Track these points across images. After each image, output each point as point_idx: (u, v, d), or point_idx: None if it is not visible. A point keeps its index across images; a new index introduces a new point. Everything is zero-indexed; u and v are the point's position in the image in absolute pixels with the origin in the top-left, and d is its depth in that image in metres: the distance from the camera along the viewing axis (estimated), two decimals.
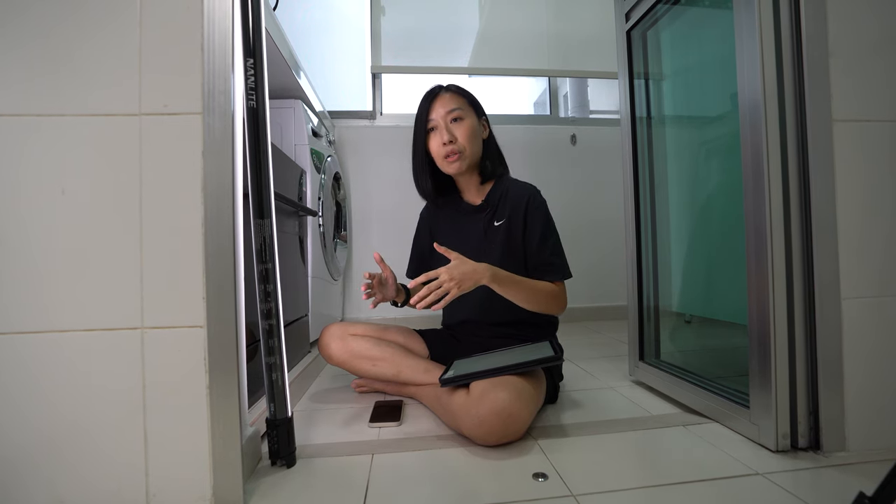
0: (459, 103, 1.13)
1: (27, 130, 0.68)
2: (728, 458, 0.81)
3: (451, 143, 1.11)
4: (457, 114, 1.12)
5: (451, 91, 1.15)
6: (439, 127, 1.12)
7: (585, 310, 2.38)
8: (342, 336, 1.18)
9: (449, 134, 1.11)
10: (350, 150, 2.31)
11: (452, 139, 1.11)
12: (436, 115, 1.13)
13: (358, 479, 0.77)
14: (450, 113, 1.12)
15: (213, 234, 0.70)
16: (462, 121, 1.12)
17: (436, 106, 1.13)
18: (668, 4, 1.20)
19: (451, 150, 1.11)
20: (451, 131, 1.11)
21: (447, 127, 1.11)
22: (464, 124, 1.12)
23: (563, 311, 1.12)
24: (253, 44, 0.77)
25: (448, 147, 1.11)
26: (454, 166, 1.13)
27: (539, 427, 0.97)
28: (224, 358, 0.70)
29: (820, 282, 0.80)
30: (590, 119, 2.60)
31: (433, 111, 1.13)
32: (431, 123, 1.14)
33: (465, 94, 1.17)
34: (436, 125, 1.13)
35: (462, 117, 1.12)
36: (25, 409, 0.67)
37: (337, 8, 2.39)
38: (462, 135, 1.11)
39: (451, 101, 1.13)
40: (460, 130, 1.11)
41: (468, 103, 1.16)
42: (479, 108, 1.19)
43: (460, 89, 1.17)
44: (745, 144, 0.86)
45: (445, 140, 1.11)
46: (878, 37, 0.83)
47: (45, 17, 0.69)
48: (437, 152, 1.14)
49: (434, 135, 1.14)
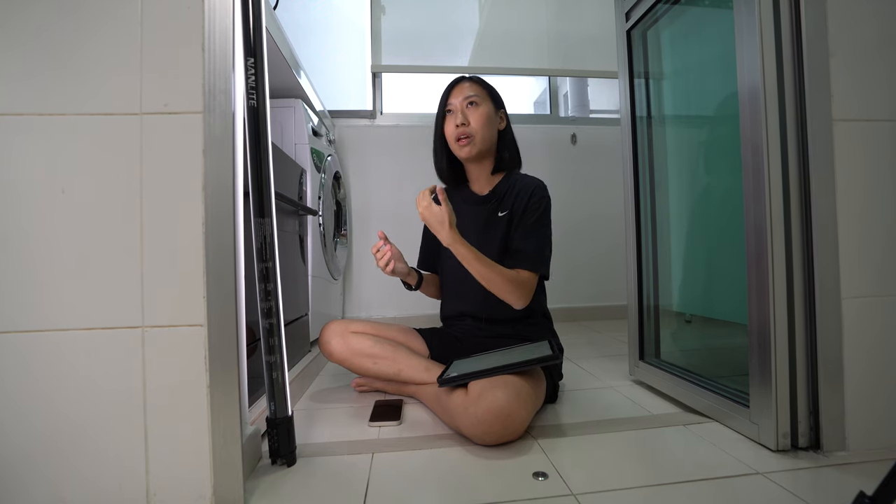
0: (477, 91, 1.18)
1: (28, 130, 0.68)
2: (728, 457, 0.81)
3: (464, 126, 1.15)
4: (474, 99, 1.17)
5: (471, 80, 1.21)
6: (455, 110, 1.17)
7: (585, 309, 2.38)
8: (342, 333, 1.18)
9: (462, 117, 1.15)
10: (350, 149, 2.31)
11: (465, 122, 1.15)
12: (454, 99, 1.18)
13: (358, 478, 0.77)
14: (466, 98, 1.17)
15: (214, 233, 0.70)
16: (477, 106, 1.17)
17: (456, 91, 1.19)
18: (668, 4, 1.20)
19: (463, 132, 1.15)
20: (465, 115, 1.16)
21: (462, 110, 1.16)
22: (478, 110, 1.16)
23: (523, 304, 1.08)
24: (254, 43, 0.77)
25: (460, 129, 1.15)
26: (465, 150, 1.16)
27: (539, 426, 0.97)
28: (224, 357, 0.70)
29: (820, 281, 0.80)
30: (590, 118, 2.60)
31: (452, 96, 1.19)
32: (449, 107, 1.19)
33: (484, 84, 1.22)
34: (452, 108, 1.18)
35: (478, 103, 1.17)
36: (26, 408, 0.67)
37: (337, 7, 2.39)
38: (475, 119, 1.15)
39: (469, 88, 1.19)
40: (474, 115, 1.16)
41: (487, 93, 1.20)
42: (498, 99, 1.23)
43: (481, 80, 1.23)
44: (745, 144, 0.86)
45: (458, 122, 1.15)
46: (878, 36, 0.83)
47: (45, 17, 0.68)
48: (450, 134, 1.19)
49: (450, 117, 1.19)
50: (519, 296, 1.07)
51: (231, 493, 0.69)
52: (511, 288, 1.05)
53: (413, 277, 1.25)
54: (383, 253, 1.14)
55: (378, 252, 1.14)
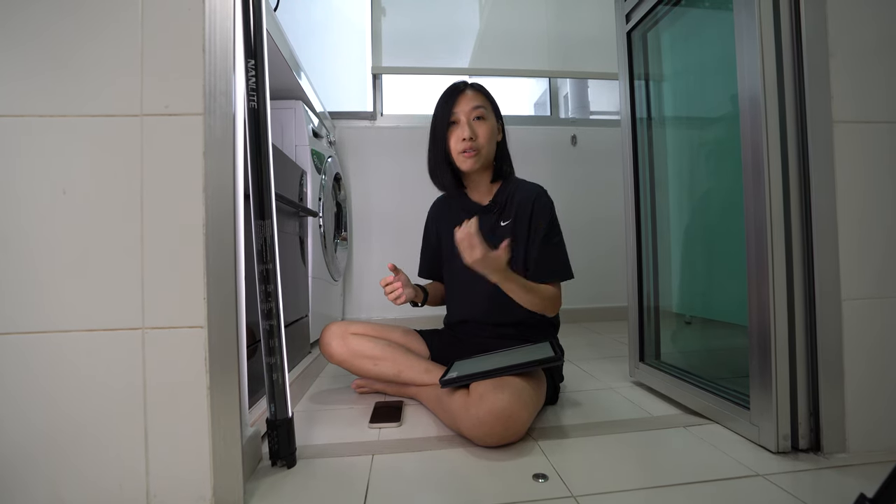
0: (483, 102, 1.15)
1: (29, 131, 0.68)
2: (728, 459, 0.81)
3: (471, 140, 1.12)
4: (480, 112, 1.13)
5: (476, 89, 1.17)
6: (461, 122, 1.13)
7: (586, 310, 2.38)
8: (343, 335, 1.18)
9: (471, 130, 1.12)
10: (350, 150, 2.32)
11: (473, 136, 1.12)
12: (460, 109, 1.13)
13: (358, 479, 0.77)
14: (474, 110, 1.13)
15: (214, 235, 0.70)
16: (485, 120, 1.14)
17: (461, 101, 1.14)
18: (668, 6, 1.20)
19: (470, 146, 1.12)
20: (474, 128, 1.13)
21: (470, 123, 1.13)
22: (486, 124, 1.14)
23: (556, 312, 1.13)
24: (254, 45, 0.77)
25: (467, 143, 1.12)
26: (469, 163, 1.14)
27: (539, 428, 0.97)
28: (225, 358, 0.70)
29: (820, 283, 0.80)
30: (590, 120, 2.60)
31: (458, 105, 1.14)
32: (454, 117, 1.14)
33: (488, 94, 1.19)
34: (458, 120, 1.14)
35: (485, 117, 1.14)
36: (26, 408, 0.67)
37: (337, 9, 2.40)
38: (483, 134, 1.13)
39: (476, 98, 1.15)
40: (482, 129, 1.13)
41: (491, 105, 1.18)
42: (498, 110, 1.21)
43: (484, 89, 1.19)
44: (745, 145, 0.87)
45: (466, 136, 1.12)
46: (878, 38, 0.83)
47: (45, 18, 0.69)
48: (454, 147, 1.15)
49: (455, 129, 1.14)
50: (554, 308, 1.11)
51: (231, 494, 0.69)
52: (547, 304, 1.08)
53: (420, 296, 1.24)
54: (393, 287, 1.13)
55: (388, 286, 1.14)
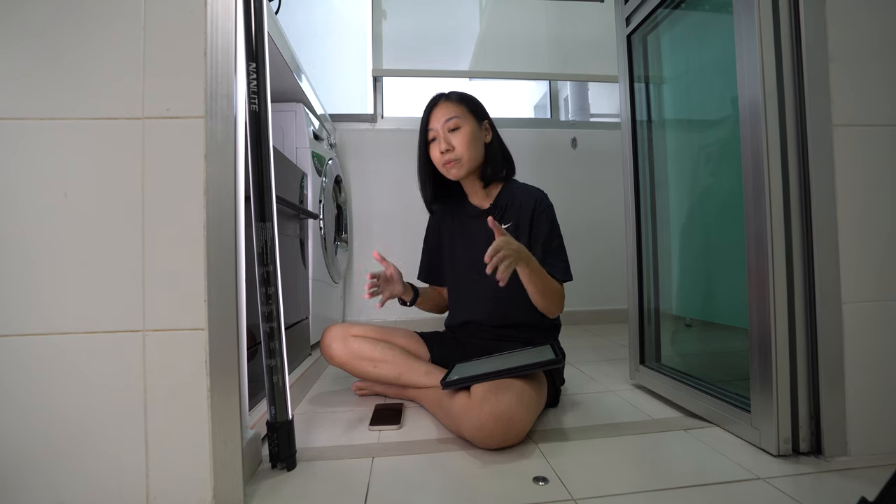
0: (457, 111, 1.15)
1: (30, 134, 0.68)
2: (729, 462, 0.81)
3: (449, 152, 1.13)
4: (454, 123, 1.14)
5: (450, 100, 1.17)
6: (437, 136, 1.15)
7: (586, 313, 2.38)
8: (343, 337, 1.18)
9: (446, 143, 1.14)
10: (351, 153, 2.32)
11: (450, 147, 1.13)
12: (434, 124, 1.15)
13: (358, 482, 0.77)
14: (447, 122, 1.14)
15: (215, 237, 0.70)
16: (459, 130, 1.14)
17: (434, 115, 1.16)
18: (668, 9, 1.20)
19: (449, 158, 1.14)
20: (449, 140, 1.14)
21: (445, 136, 1.14)
22: (461, 133, 1.14)
23: (560, 311, 1.13)
24: (255, 48, 0.77)
25: (446, 156, 1.14)
26: (453, 172, 1.16)
27: (540, 430, 0.97)
28: (225, 360, 0.70)
29: (820, 285, 0.80)
30: (590, 122, 2.60)
31: (432, 121, 1.16)
32: (431, 133, 1.17)
33: (464, 100, 1.18)
34: (436, 135, 1.16)
35: (459, 126, 1.14)
36: (27, 410, 0.67)
37: (338, 12, 2.41)
38: (459, 143, 1.13)
39: (449, 109, 1.15)
40: (458, 139, 1.14)
41: (467, 110, 1.16)
42: (480, 112, 1.20)
43: (460, 96, 1.18)
44: (745, 148, 0.87)
45: (443, 149, 1.14)
46: (878, 41, 0.83)
47: (46, 20, 0.69)
48: (436, 160, 1.17)
49: (434, 144, 1.17)
50: (559, 305, 1.11)
51: (231, 496, 0.69)
52: (556, 298, 1.09)
53: (409, 294, 1.25)
54: (371, 285, 1.16)
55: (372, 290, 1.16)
